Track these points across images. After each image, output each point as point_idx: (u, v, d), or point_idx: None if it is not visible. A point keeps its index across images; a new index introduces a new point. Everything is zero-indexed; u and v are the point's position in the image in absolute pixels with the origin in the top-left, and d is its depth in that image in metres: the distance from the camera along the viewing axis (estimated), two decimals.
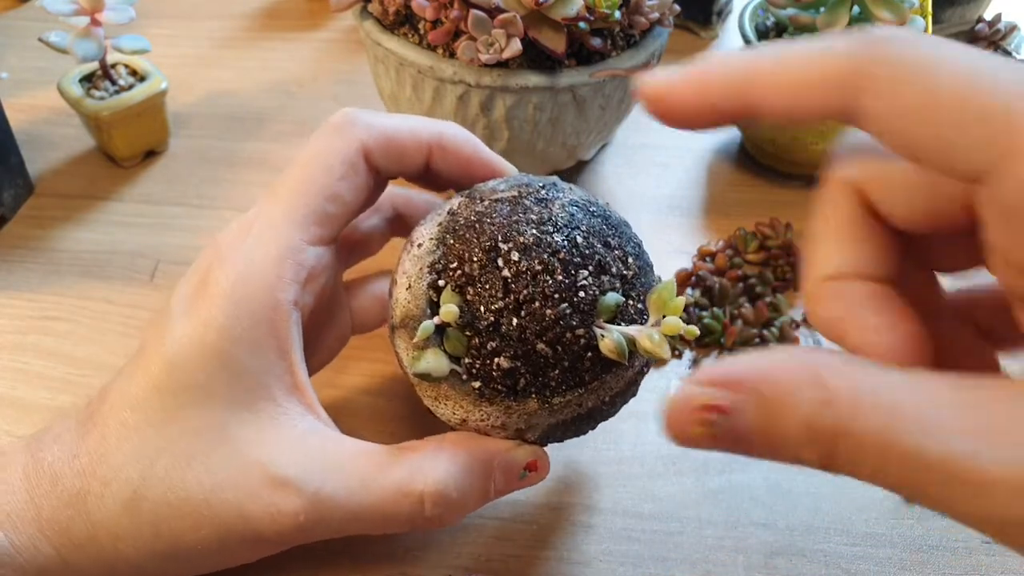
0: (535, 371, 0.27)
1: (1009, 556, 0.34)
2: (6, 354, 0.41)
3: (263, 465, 0.27)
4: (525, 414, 0.28)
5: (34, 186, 0.50)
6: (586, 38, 0.41)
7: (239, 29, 0.65)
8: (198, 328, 0.28)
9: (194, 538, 0.27)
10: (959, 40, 0.62)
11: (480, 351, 0.27)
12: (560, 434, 0.30)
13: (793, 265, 0.46)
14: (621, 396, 0.30)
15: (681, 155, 0.55)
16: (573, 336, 0.27)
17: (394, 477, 0.27)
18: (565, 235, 0.28)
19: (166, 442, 0.27)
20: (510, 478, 0.29)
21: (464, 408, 0.28)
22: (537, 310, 0.27)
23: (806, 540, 0.35)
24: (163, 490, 0.27)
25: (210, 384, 0.27)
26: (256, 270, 0.28)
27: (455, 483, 0.28)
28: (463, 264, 0.28)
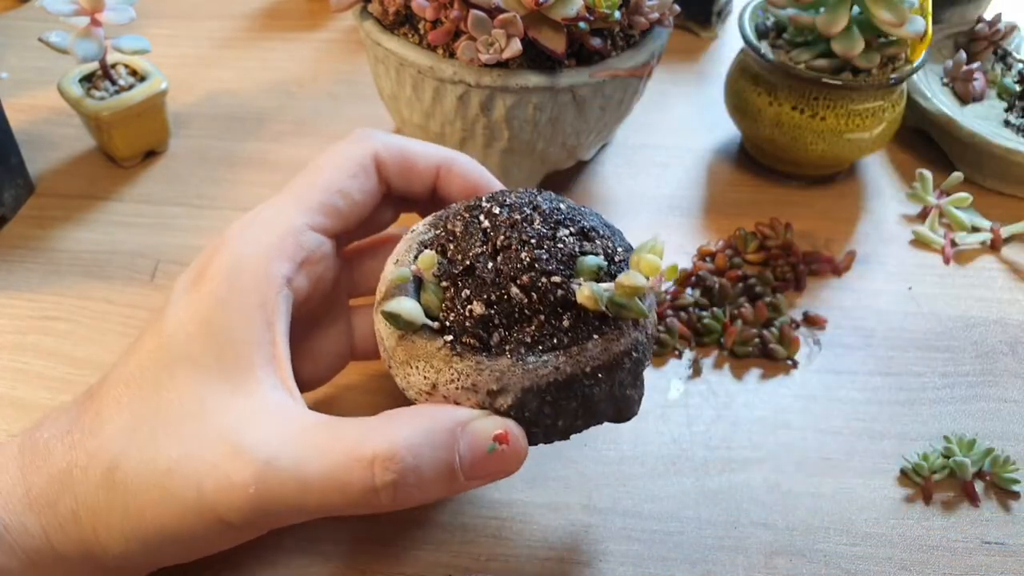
0: (510, 322, 0.26)
1: (1009, 556, 0.34)
2: (6, 354, 0.41)
3: (224, 435, 0.27)
4: (497, 371, 0.26)
5: (34, 186, 0.50)
6: (586, 38, 0.41)
7: (239, 29, 0.65)
8: (194, 301, 0.29)
9: (154, 515, 0.27)
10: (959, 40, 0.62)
11: (455, 300, 0.27)
12: (536, 406, 0.27)
13: (793, 265, 0.46)
14: (606, 376, 0.27)
15: (681, 155, 0.55)
16: (549, 283, 0.26)
17: (345, 441, 0.26)
18: (549, 201, 0.29)
19: (151, 413, 0.27)
20: (476, 451, 0.26)
21: (435, 368, 0.27)
22: (514, 253, 0.27)
23: (806, 540, 0.35)
24: (136, 462, 0.27)
25: (199, 353, 0.28)
26: (256, 247, 0.30)
27: (409, 446, 0.25)
28: (446, 227, 0.29)
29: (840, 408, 0.40)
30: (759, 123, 0.50)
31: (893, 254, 0.49)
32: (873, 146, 0.49)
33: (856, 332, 0.44)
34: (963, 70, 0.55)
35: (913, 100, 0.54)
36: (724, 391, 0.41)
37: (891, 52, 0.47)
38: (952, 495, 0.37)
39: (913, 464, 0.37)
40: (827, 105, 0.47)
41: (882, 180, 0.54)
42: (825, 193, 0.52)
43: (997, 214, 0.51)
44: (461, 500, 0.36)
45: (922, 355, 0.43)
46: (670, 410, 0.40)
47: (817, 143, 0.48)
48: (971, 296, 0.46)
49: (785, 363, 0.42)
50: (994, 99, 0.56)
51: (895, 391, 0.41)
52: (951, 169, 0.52)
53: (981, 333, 0.44)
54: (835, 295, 0.46)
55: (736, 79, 0.51)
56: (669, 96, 0.60)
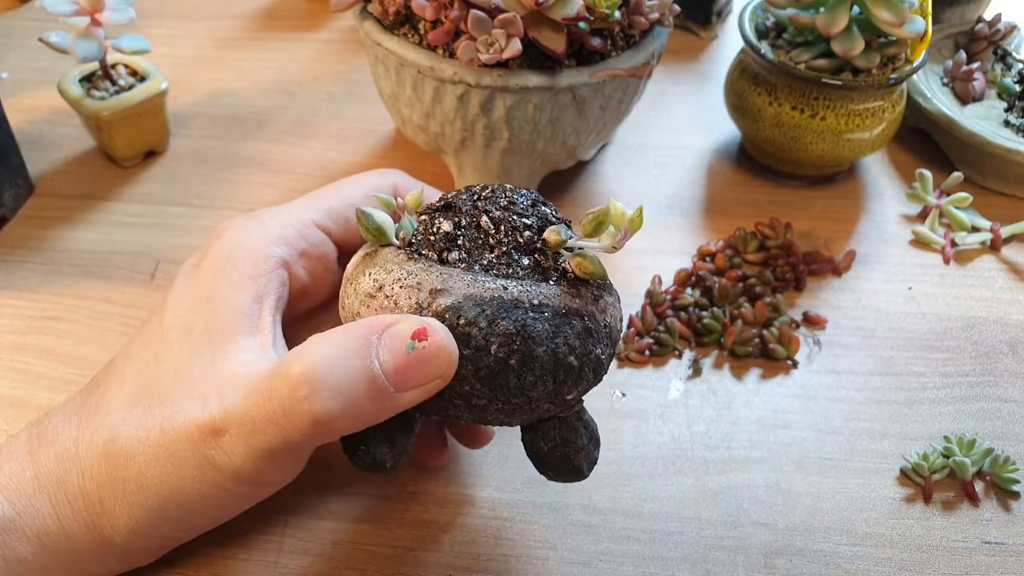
0: (471, 246, 0.27)
1: (1009, 556, 0.34)
2: (6, 354, 0.41)
3: (203, 394, 0.28)
4: (445, 274, 0.26)
5: (34, 186, 0.50)
6: (586, 38, 0.41)
7: (239, 29, 0.65)
8: (194, 279, 0.31)
9: (154, 475, 0.28)
10: (959, 40, 0.62)
11: (427, 227, 0.28)
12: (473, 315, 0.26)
13: (793, 265, 0.46)
14: (551, 318, 0.26)
15: (681, 155, 0.55)
16: (519, 222, 0.28)
17: (273, 369, 0.26)
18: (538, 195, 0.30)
19: (150, 384, 0.29)
20: (396, 353, 0.25)
21: (386, 270, 0.27)
22: (494, 198, 0.29)
23: (806, 540, 0.35)
24: (133, 428, 0.28)
25: (194, 321, 0.29)
26: (258, 231, 0.32)
27: (324, 359, 0.25)
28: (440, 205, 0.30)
29: (840, 408, 0.40)
30: (759, 123, 0.50)
31: (893, 254, 0.49)
32: (873, 146, 0.49)
33: (856, 332, 0.44)
34: (963, 70, 0.55)
35: (913, 100, 0.55)
36: (724, 391, 0.41)
37: (891, 52, 0.47)
38: (952, 495, 0.37)
39: (913, 464, 0.37)
40: (827, 105, 0.47)
41: (882, 180, 0.54)
42: (825, 193, 0.52)
43: (997, 214, 0.51)
44: (461, 500, 0.36)
45: (922, 355, 0.43)
46: (670, 410, 0.40)
47: (817, 143, 0.48)
48: (971, 296, 0.46)
49: (785, 363, 0.42)
50: (994, 99, 0.56)
51: (895, 391, 0.41)
52: (951, 169, 0.52)
53: (981, 333, 0.44)
54: (835, 295, 0.46)
55: (736, 79, 0.51)
56: (669, 96, 0.60)
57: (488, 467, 0.37)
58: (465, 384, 0.26)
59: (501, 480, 0.36)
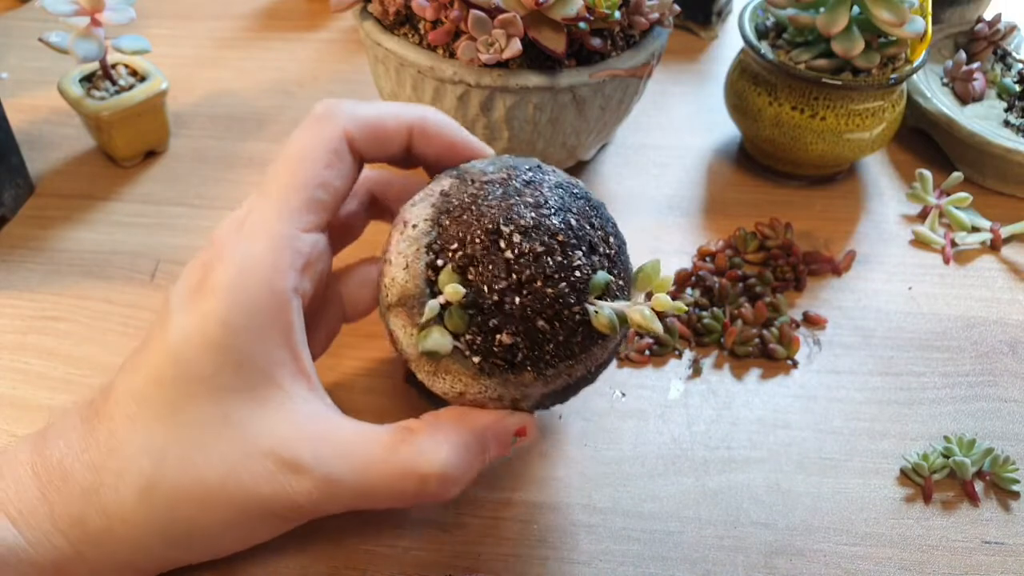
0: (533, 346, 0.29)
1: (1009, 556, 0.35)
2: (6, 354, 0.41)
3: (272, 450, 0.28)
4: (522, 385, 0.30)
5: (34, 186, 0.50)
6: (586, 38, 0.41)
7: (239, 29, 0.65)
8: (199, 321, 0.28)
9: (210, 520, 0.28)
10: (959, 40, 0.62)
11: (482, 328, 0.28)
12: (549, 402, 0.31)
13: (793, 265, 0.46)
14: (603, 366, 0.32)
15: (681, 155, 0.55)
16: (570, 313, 0.28)
17: (399, 460, 0.29)
18: (561, 218, 0.29)
19: (175, 433, 0.28)
20: (502, 445, 0.31)
21: (463, 382, 0.30)
22: (539, 289, 0.28)
23: (806, 540, 0.35)
24: (176, 477, 0.28)
25: (214, 375, 0.28)
26: (254, 262, 0.29)
27: (455, 462, 0.29)
28: (464, 246, 0.28)
29: (840, 408, 0.40)
30: (759, 123, 0.50)
31: (893, 254, 0.49)
32: (873, 146, 0.49)
33: (856, 332, 0.44)
34: (963, 70, 0.55)
35: (913, 100, 0.55)
36: (724, 391, 0.41)
37: (891, 52, 0.47)
38: (952, 495, 0.37)
39: (913, 464, 0.37)
40: (827, 105, 0.47)
41: (882, 180, 0.54)
42: (825, 193, 0.52)
43: (997, 214, 0.51)
44: (461, 500, 0.36)
45: (922, 355, 0.43)
46: (670, 410, 0.40)
47: (817, 143, 0.48)
48: (971, 296, 0.46)
49: (785, 363, 0.42)
50: (994, 99, 0.56)
51: (895, 391, 0.41)
52: (951, 169, 0.52)
53: (981, 333, 0.44)
54: (835, 295, 0.46)
55: (736, 79, 0.51)
56: (669, 96, 0.60)
57: (488, 467, 0.37)
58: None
59: (501, 480, 0.36)
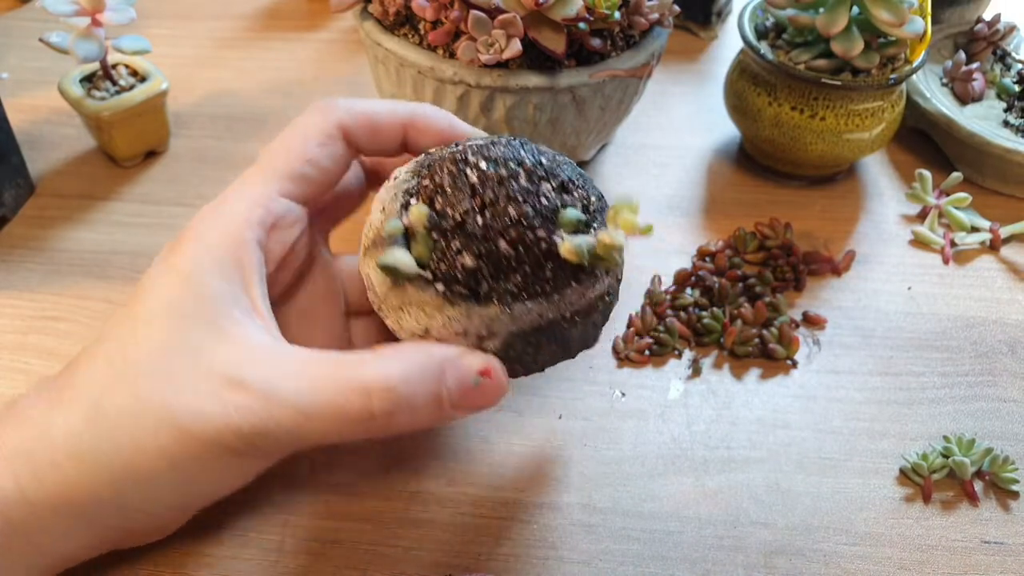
0: (497, 273, 0.28)
1: (1009, 556, 0.35)
2: (7, 354, 0.41)
3: (221, 370, 0.28)
4: (487, 318, 0.28)
5: (35, 186, 0.50)
6: (586, 38, 0.41)
7: (239, 29, 0.65)
8: (171, 262, 0.30)
9: (154, 446, 0.27)
10: (959, 40, 0.62)
11: (446, 252, 0.28)
12: (520, 348, 0.29)
13: (793, 265, 0.46)
14: (582, 318, 0.30)
15: (681, 155, 0.55)
16: (534, 237, 0.28)
17: (343, 373, 0.28)
18: (532, 155, 0.30)
19: (131, 358, 0.28)
20: (463, 384, 0.28)
21: (427, 314, 0.29)
22: (501, 209, 0.28)
23: (805, 540, 0.35)
24: (123, 399, 0.28)
25: (175, 302, 0.29)
26: (227, 216, 0.31)
27: (403, 377, 0.27)
28: (433, 179, 0.30)
29: (839, 408, 0.40)
30: (759, 123, 0.50)
31: (892, 254, 0.49)
32: (873, 146, 0.49)
33: (855, 332, 0.44)
34: (962, 70, 0.55)
35: (912, 100, 0.55)
36: (724, 391, 0.41)
37: (890, 52, 0.47)
38: (951, 495, 0.37)
39: (912, 464, 0.37)
40: (826, 105, 0.47)
41: (882, 180, 0.54)
42: (825, 193, 0.53)
43: (996, 214, 0.51)
44: (461, 500, 0.36)
45: (921, 355, 0.43)
46: (670, 410, 0.40)
47: (816, 143, 0.49)
48: (970, 296, 0.46)
49: (785, 363, 0.42)
50: (993, 99, 0.56)
51: (894, 391, 0.41)
52: (950, 169, 0.52)
53: (980, 333, 0.44)
54: (835, 295, 0.46)
55: (736, 79, 0.51)
56: (669, 96, 0.60)
57: (488, 467, 0.37)
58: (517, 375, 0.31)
59: (501, 480, 0.36)
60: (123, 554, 0.33)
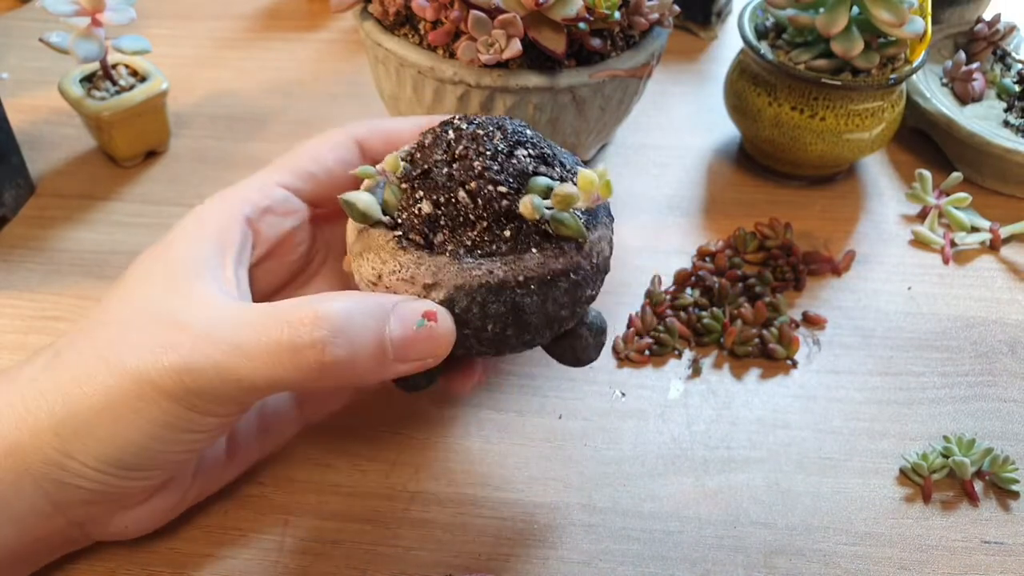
0: (454, 224, 0.28)
1: (1009, 556, 0.35)
2: (7, 354, 0.41)
3: (167, 318, 0.28)
4: (434, 267, 0.28)
5: (35, 186, 0.50)
6: (586, 38, 0.41)
7: (240, 29, 0.65)
8: (162, 239, 0.32)
9: (93, 387, 0.27)
10: (959, 40, 0.62)
11: (409, 199, 0.29)
12: (466, 304, 0.28)
13: (793, 265, 0.46)
14: (540, 289, 0.28)
15: (681, 155, 0.55)
16: (495, 191, 0.28)
17: (284, 307, 0.27)
18: (517, 126, 0.30)
19: (98, 314, 0.30)
20: (406, 326, 0.27)
21: (381, 259, 0.29)
22: (467, 162, 0.28)
23: (805, 539, 0.35)
24: (80, 345, 0.29)
25: (147, 268, 0.30)
26: (223, 197, 0.32)
27: (344, 309, 0.26)
28: (421, 140, 0.30)
29: (839, 408, 0.40)
30: (759, 123, 0.50)
31: (892, 254, 0.49)
32: (872, 146, 0.49)
33: (855, 332, 0.44)
34: (962, 70, 0.55)
35: (912, 100, 0.55)
36: (724, 391, 0.41)
37: (890, 52, 0.47)
38: (951, 495, 0.37)
39: (912, 464, 0.37)
40: (826, 105, 0.47)
41: (882, 180, 0.54)
42: (825, 193, 0.53)
43: (996, 214, 0.51)
44: (461, 500, 0.36)
45: (921, 355, 0.43)
46: (670, 410, 0.40)
47: (816, 143, 0.49)
48: (970, 296, 0.46)
49: (785, 363, 0.42)
50: (993, 99, 0.56)
51: (894, 391, 0.41)
52: (950, 169, 0.52)
53: (980, 333, 0.44)
54: (834, 295, 0.46)
55: (735, 79, 0.51)
56: (669, 96, 0.60)
57: (488, 467, 0.37)
58: (471, 348, 0.29)
59: (501, 480, 0.36)
60: (124, 555, 0.33)
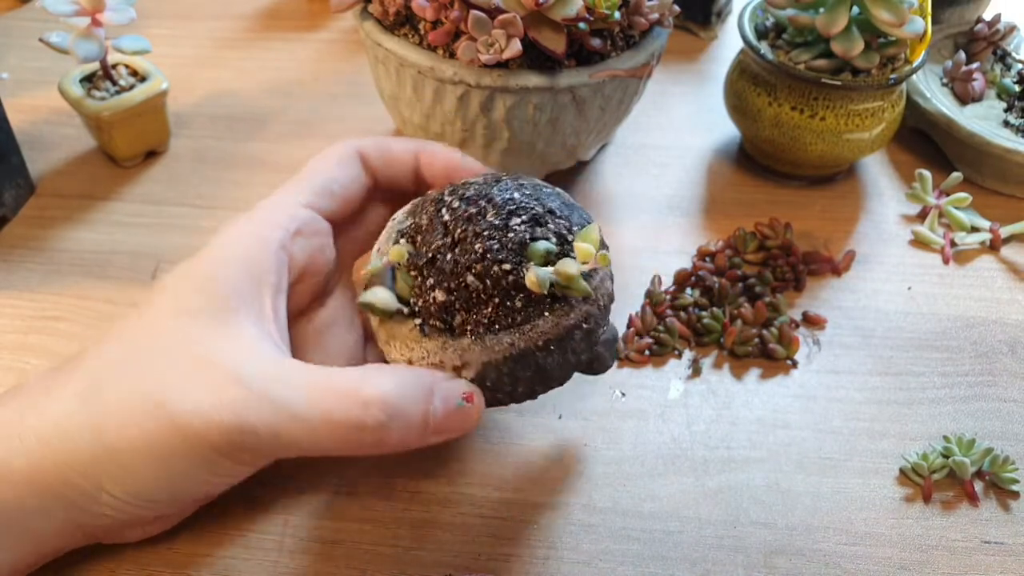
0: (468, 306, 0.30)
1: (1009, 556, 0.35)
2: (8, 354, 0.41)
3: (217, 364, 0.28)
4: (460, 349, 0.30)
5: (35, 186, 0.50)
6: (586, 38, 0.41)
7: (240, 29, 0.65)
8: (191, 265, 0.31)
9: (137, 432, 0.27)
10: (959, 40, 0.62)
11: (422, 288, 0.30)
12: (495, 377, 0.30)
13: (793, 265, 0.46)
14: (557, 346, 0.30)
15: (681, 155, 0.55)
16: (500, 270, 0.29)
17: (339, 383, 0.28)
18: (504, 192, 0.31)
19: (136, 347, 0.29)
20: (448, 405, 0.29)
21: (408, 347, 0.31)
22: (468, 245, 0.30)
23: (805, 539, 0.35)
24: (117, 383, 0.28)
25: (189, 297, 0.30)
26: (252, 221, 0.32)
27: (398, 392, 0.28)
28: (416, 219, 0.32)
29: (839, 408, 0.40)
30: (758, 123, 0.50)
31: (892, 254, 0.49)
32: (872, 146, 0.49)
33: (855, 332, 0.44)
34: (962, 70, 0.55)
35: (912, 100, 0.55)
36: (724, 391, 0.41)
37: (890, 52, 0.47)
38: (951, 495, 0.37)
39: (912, 464, 0.37)
40: (826, 105, 0.47)
41: (882, 180, 0.54)
42: (825, 193, 0.53)
43: (996, 214, 0.51)
44: (461, 500, 0.36)
45: (921, 355, 0.43)
46: (670, 410, 0.40)
47: (816, 143, 0.49)
48: (970, 296, 0.46)
49: (785, 363, 0.42)
50: (993, 99, 0.56)
51: (894, 391, 0.41)
52: (950, 169, 0.52)
53: (980, 333, 0.44)
54: (834, 295, 0.46)
55: (735, 79, 0.51)
56: (669, 96, 0.60)
57: (488, 467, 0.37)
58: (503, 403, 0.32)
59: (501, 480, 0.36)
60: (124, 555, 0.33)
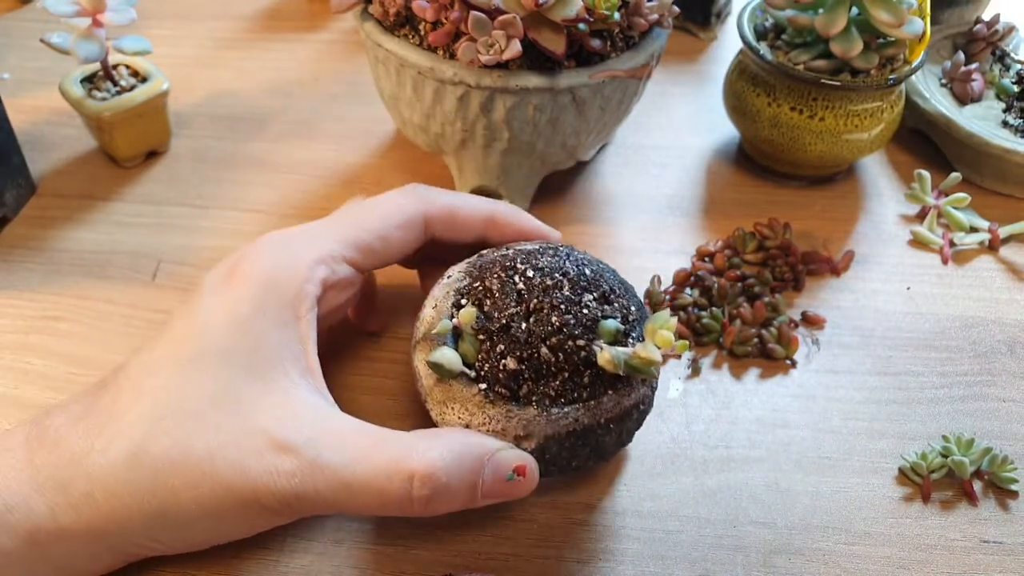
0: (537, 376, 0.30)
1: (1007, 555, 0.35)
2: (8, 354, 0.41)
3: (267, 429, 0.28)
4: (524, 419, 0.30)
5: (36, 186, 0.50)
6: (586, 39, 0.41)
7: (240, 30, 0.65)
8: (230, 302, 0.30)
9: (191, 496, 0.28)
10: (958, 40, 0.62)
11: (490, 353, 0.30)
12: (555, 451, 0.30)
13: (792, 265, 0.46)
14: (617, 425, 0.31)
15: (680, 155, 0.55)
16: (575, 345, 0.29)
17: (388, 453, 0.28)
18: (576, 266, 0.32)
19: (178, 403, 0.29)
20: (498, 477, 0.29)
21: (469, 411, 0.30)
22: (545, 316, 0.30)
23: (805, 539, 0.35)
24: (167, 445, 0.28)
25: (231, 350, 0.29)
26: (292, 262, 0.31)
27: (445, 467, 0.28)
28: (483, 281, 0.31)
29: (839, 407, 0.40)
30: (758, 124, 0.50)
31: (892, 254, 0.49)
32: (872, 147, 0.50)
33: (855, 332, 0.44)
34: (961, 71, 0.56)
35: (912, 101, 0.55)
36: (723, 391, 0.41)
37: (890, 53, 0.47)
38: (950, 494, 0.37)
39: (911, 463, 0.37)
40: (826, 106, 0.47)
41: (881, 180, 0.54)
42: (824, 193, 0.53)
43: (995, 214, 0.51)
44: None
45: (920, 355, 0.43)
46: (669, 409, 0.40)
47: (816, 144, 0.49)
48: (969, 296, 0.46)
49: (784, 363, 0.42)
50: (992, 100, 0.56)
51: (893, 391, 0.41)
52: (949, 169, 0.52)
53: (979, 333, 0.44)
54: (834, 295, 0.46)
55: (735, 80, 0.51)
56: (668, 97, 0.60)
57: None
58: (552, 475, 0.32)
59: None
60: None
